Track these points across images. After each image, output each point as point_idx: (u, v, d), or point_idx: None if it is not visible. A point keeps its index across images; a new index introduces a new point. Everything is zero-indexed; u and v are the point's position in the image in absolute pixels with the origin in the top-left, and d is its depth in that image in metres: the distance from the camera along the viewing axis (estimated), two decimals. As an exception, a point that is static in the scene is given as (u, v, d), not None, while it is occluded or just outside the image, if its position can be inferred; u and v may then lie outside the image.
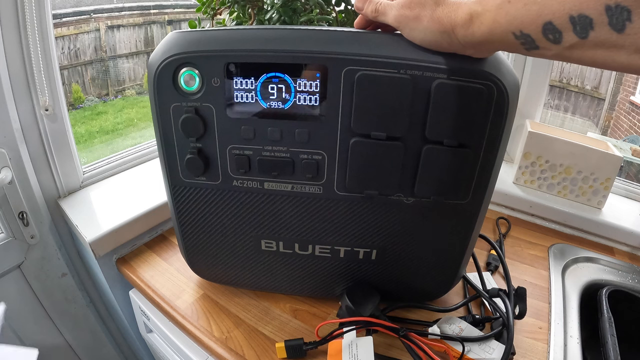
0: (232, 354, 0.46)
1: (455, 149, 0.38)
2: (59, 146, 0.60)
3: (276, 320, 0.50)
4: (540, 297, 0.56)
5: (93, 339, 0.76)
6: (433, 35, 0.33)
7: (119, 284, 0.64)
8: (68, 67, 2.23)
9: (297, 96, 0.38)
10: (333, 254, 0.47)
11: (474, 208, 0.42)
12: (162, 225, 0.66)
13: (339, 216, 0.44)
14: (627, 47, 0.24)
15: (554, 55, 0.28)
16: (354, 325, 0.44)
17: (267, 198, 0.43)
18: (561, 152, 0.72)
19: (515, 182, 0.78)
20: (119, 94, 2.50)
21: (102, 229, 0.57)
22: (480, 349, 0.45)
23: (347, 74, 0.36)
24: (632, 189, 0.78)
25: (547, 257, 0.65)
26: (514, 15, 0.28)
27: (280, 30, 0.38)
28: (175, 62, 0.37)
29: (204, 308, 0.52)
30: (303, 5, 0.50)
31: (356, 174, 0.40)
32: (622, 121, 3.31)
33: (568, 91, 3.77)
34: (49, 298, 0.66)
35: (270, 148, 0.40)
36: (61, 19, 2.14)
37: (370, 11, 0.36)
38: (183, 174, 0.43)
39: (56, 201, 0.63)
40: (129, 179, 0.71)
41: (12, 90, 0.53)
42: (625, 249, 0.69)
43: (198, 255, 0.50)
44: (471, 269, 0.56)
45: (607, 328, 0.50)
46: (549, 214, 0.73)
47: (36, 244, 0.62)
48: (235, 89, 0.38)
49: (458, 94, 0.35)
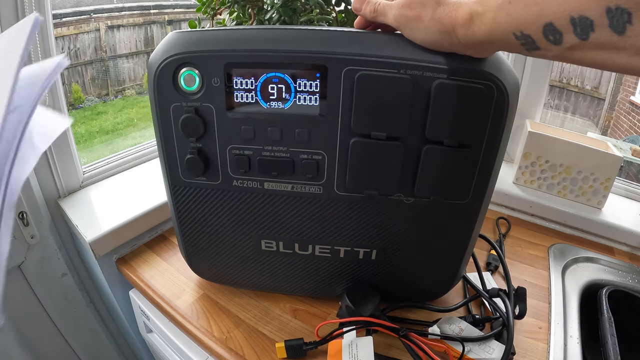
0: (232, 354, 0.46)
1: (455, 149, 0.38)
2: (59, 146, 0.60)
3: (276, 320, 0.50)
4: (540, 297, 0.56)
5: (93, 339, 0.76)
6: (434, 35, 0.33)
7: (119, 284, 0.64)
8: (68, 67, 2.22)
9: (297, 96, 0.38)
10: (333, 254, 0.47)
11: (474, 208, 0.42)
12: (162, 225, 0.66)
13: (339, 216, 0.44)
14: (628, 49, 0.24)
15: (554, 56, 0.28)
16: (354, 325, 0.44)
17: (267, 198, 0.43)
18: (561, 152, 0.72)
19: (515, 182, 0.78)
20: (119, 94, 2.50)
21: (102, 229, 0.57)
22: (480, 349, 0.45)
23: (347, 74, 0.36)
24: (632, 189, 0.78)
25: (547, 257, 0.65)
26: (515, 15, 0.28)
27: (280, 30, 0.38)
28: (175, 62, 0.37)
29: (204, 308, 0.52)
30: (303, 5, 0.50)
31: (356, 174, 0.40)
32: (622, 121, 3.31)
33: (568, 91, 3.77)
34: (49, 298, 0.66)
35: (270, 148, 0.40)
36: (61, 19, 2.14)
37: (369, 11, 0.36)
38: (183, 174, 0.43)
39: (56, 201, 0.62)
40: (129, 179, 0.71)
41: (12, 90, 0.53)
42: (625, 249, 0.69)
43: (198, 255, 0.50)
44: (471, 269, 0.56)
45: (607, 328, 0.50)
46: (549, 214, 0.73)
47: (36, 244, 0.62)
48: (235, 89, 0.38)
49: (458, 94, 0.35)
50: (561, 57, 0.28)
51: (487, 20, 0.29)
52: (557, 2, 0.25)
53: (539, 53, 0.29)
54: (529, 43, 0.28)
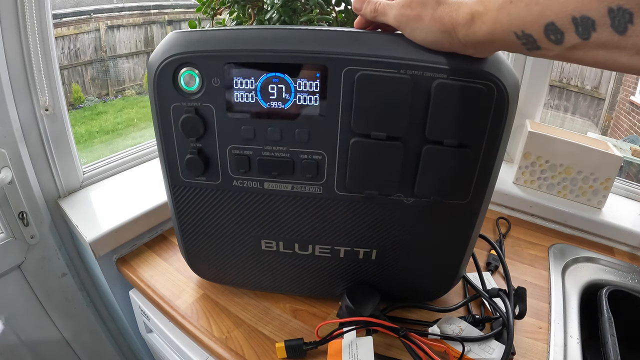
0: (232, 354, 0.46)
1: (455, 149, 0.38)
2: (59, 146, 0.60)
3: (276, 320, 0.50)
4: (540, 297, 0.56)
5: (93, 339, 0.76)
6: (434, 35, 0.33)
7: (119, 284, 0.64)
8: (68, 67, 2.23)
9: (297, 96, 0.38)
10: (333, 254, 0.47)
11: (474, 208, 0.42)
12: (162, 225, 0.66)
13: (339, 216, 0.44)
14: (629, 49, 0.24)
15: (555, 55, 0.28)
16: (354, 325, 0.44)
17: (267, 198, 0.43)
18: (561, 152, 0.72)
19: (515, 182, 0.78)
20: (119, 94, 2.50)
21: (102, 229, 0.57)
22: (480, 349, 0.45)
23: (347, 74, 0.36)
24: (632, 189, 0.78)
25: (547, 257, 0.65)
26: (516, 15, 0.28)
27: (280, 30, 0.38)
28: (175, 62, 0.37)
29: (204, 308, 0.52)
30: (303, 5, 0.50)
31: (356, 174, 0.40)
32: (622, 121, 3.31)
33: (568, 91, 3.77)
34: (49, 298, 0.66)
35: (270, 148, 0.40)
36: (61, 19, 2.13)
37: (369, 11, 0.36)
38: (183, 174, 0.43)
39: (56, 201, 0.63)
40: (129, 179, 0.71)
41: (12, 90, 0.53)
42: (625, 249, 0.69)
43: (198, 255, 0.50)
44: (471, 269, 0.56)
45: (607, 328, 0.50)
46: (549, 214, 0.73)
47: (36, 244, 0.62)
48: (235, 89, 0.38)
49: (458, 94, 0.35)
50: (562, 56, 0.28)
51: (488, 20, 0.29)
52: (559, 2, 0.25)
53: (540, 53, 0.29)
54: (530, 43, 0.28)
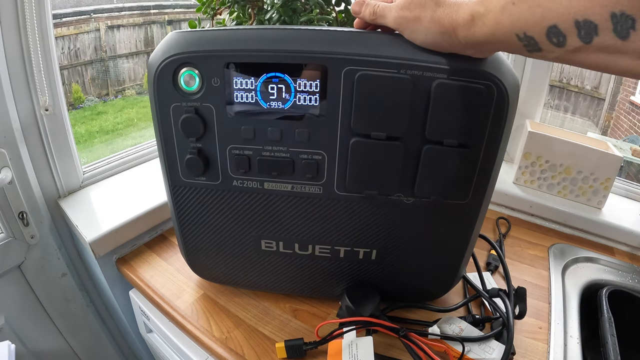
0: (232, 354, 0.46)
1: (455, 149, 0.38)
2: (59, 146, 0.60)
3: (276, 320, 0.50)
4: (540, 297, 0.56)
5: (93, 339, 0.76)
6: (434, 36, 0.33)
7: (119, 284, 0.64)
8: (68, 67, 2.23)
9: (297, 96, 0.38)
10: (333, 254, 0.47)
11: (474, 208, 0.42)
12: (162, 225, 0.66)
13: (339, 216, 0.44)
14: (630, 54, 0.24)
15: (555, 57, 0.28)
16: (354, 325, 0.44)
17: (267, 198, 0.43)
18: (561, 152, 0.72)
19: (515, 182, 0.78)
20: (119, 94, 2.50)
21: (102, 229, 0.57)
22: (480, 349, 0.45)
23: (347, 74, 0.36)
24: (632, 189, 0.78)
25: (547, 257, 0.65)
26: (518, 17, 0.27)
27: (280, 30, 0.38)
28: (175, 62, 0.37)
29: (204, 308, 0.52)
30: (303, 5, 0.50)
31: (356, 174, 0.40)
32: (622, 121, 3.31)
33: (568, 91, 3.77)
34: (49, 298, 0.66)
35: (270, 148, 0.40)
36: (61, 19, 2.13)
37: (368, 14, 0.36)
38: (183, 174, 0.43)
39: (56, 201, 0.62)
40: (129, 179, 0.71)
41: (12, 90, 0.53)
42: (625, 249, 0.69)
43: (198, 255, 0.50)
44: (471, 269, 0.56)
45: (607, 328, 0.50)
46: (549, 214, 0.73)
47: (36, 244, 0.62)
48: (235, 89, 0.38)
49: (458, 94, 0.35)
50: (563, 59, 0.28)
51: (489, 21, 0.29)
52: (562, 5, 0.25)
53: (541, 54, 0.29)
54: (532, 45, 0.28)
